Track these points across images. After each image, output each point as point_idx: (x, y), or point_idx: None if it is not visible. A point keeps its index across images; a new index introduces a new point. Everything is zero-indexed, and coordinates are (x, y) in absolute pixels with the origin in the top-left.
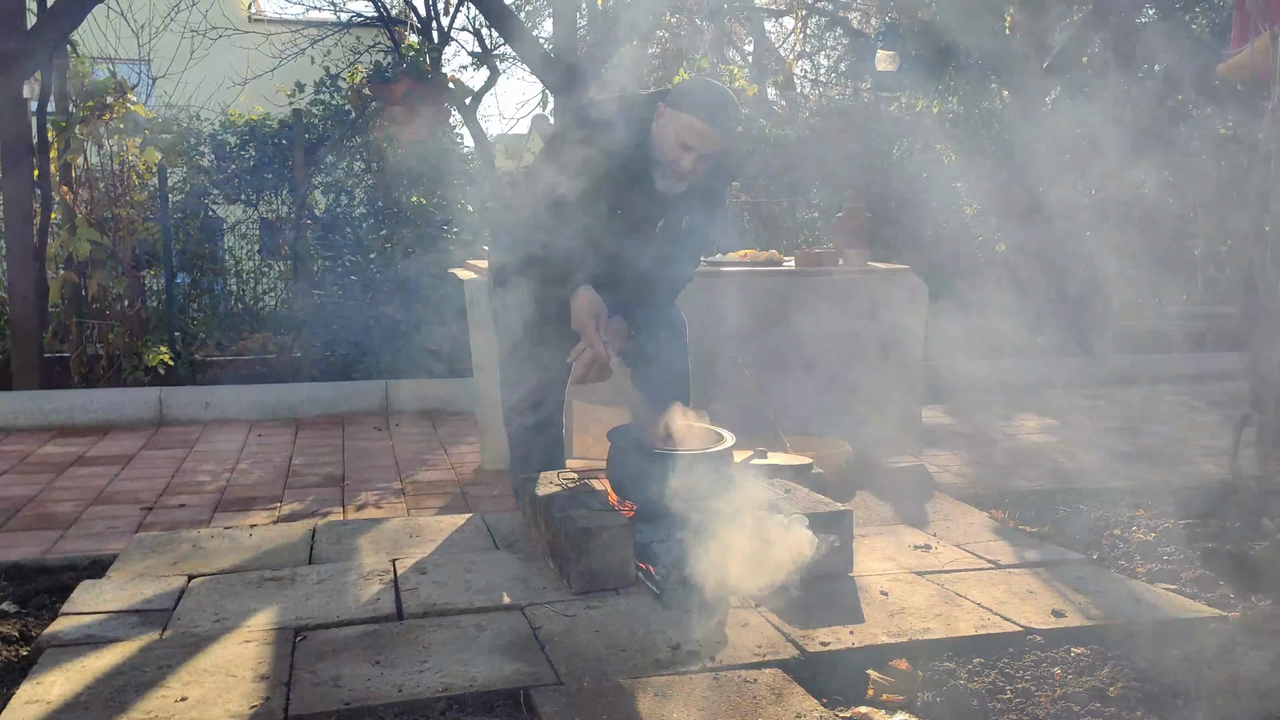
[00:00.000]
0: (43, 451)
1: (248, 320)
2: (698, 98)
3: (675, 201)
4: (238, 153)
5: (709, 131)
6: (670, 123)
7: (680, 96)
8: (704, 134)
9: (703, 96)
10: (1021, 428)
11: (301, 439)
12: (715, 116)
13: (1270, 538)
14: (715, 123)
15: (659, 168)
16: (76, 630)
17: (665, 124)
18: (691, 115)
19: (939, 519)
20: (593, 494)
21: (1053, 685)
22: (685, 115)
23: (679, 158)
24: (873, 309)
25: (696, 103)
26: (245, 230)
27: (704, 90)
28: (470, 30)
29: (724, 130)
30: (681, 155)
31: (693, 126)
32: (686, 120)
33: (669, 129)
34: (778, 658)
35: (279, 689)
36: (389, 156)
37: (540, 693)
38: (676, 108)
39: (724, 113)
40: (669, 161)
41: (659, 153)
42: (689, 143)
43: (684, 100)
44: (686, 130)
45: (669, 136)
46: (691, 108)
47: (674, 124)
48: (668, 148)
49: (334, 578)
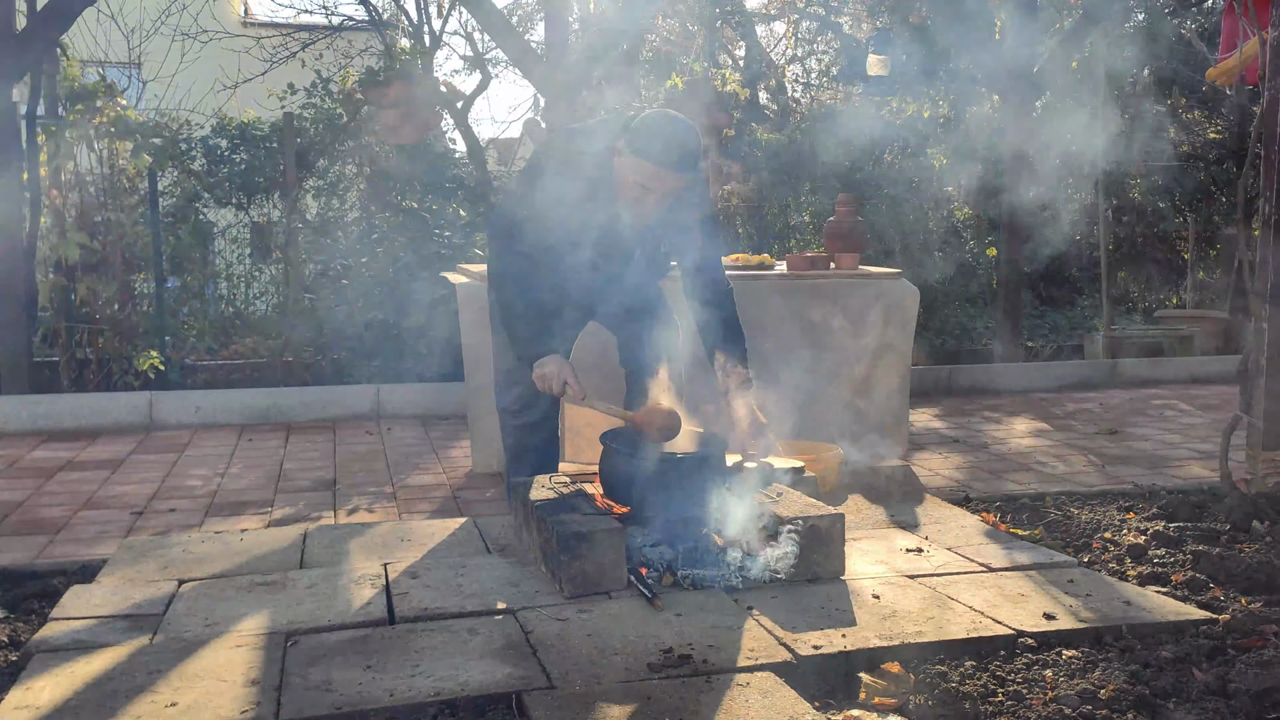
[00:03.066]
0: (32, 456)
1: (238, 324)
2: (653, 140)
3: (649, 232)
4: (228, 156)
5: (666, 175)
6: (628, 165)
7: (636, 138)
8: (662, 177)
9: (658, 138)
10: (1012, 431)
11: (293, 443)
12: (670, 159)
13: (1260, 540)
14: (672, 166)
15: (625, 207)
16: (66, 635)
17: (624, 165)
18: (646, 160)
19: (930, 522)
20: (585, 498)
21: (1044, 688)
22: (641, 160)
23: (641, 198)
24: (863, 313)
25: (652, 146)
26: (236, 234)
27: (659, 132)
28: (462, 34)
29: (684, 170)
30: (643, 195)
31: (649, 170)
32: (642, 165)
33: (627, 171)
34: (770, 661)
35: (270, 694)
36: (380, 160)
37: (532, 697)
38: (634, 151)
39: (680, 154)
40: (632, 200)
41: (621, 192)
42: (648, 185)
43: (639, 143)
44: (644, 174)
45: (628, 179)
46: (647, 152)
47: (631, 167)
48: (628, 189)
49: (325, 582)
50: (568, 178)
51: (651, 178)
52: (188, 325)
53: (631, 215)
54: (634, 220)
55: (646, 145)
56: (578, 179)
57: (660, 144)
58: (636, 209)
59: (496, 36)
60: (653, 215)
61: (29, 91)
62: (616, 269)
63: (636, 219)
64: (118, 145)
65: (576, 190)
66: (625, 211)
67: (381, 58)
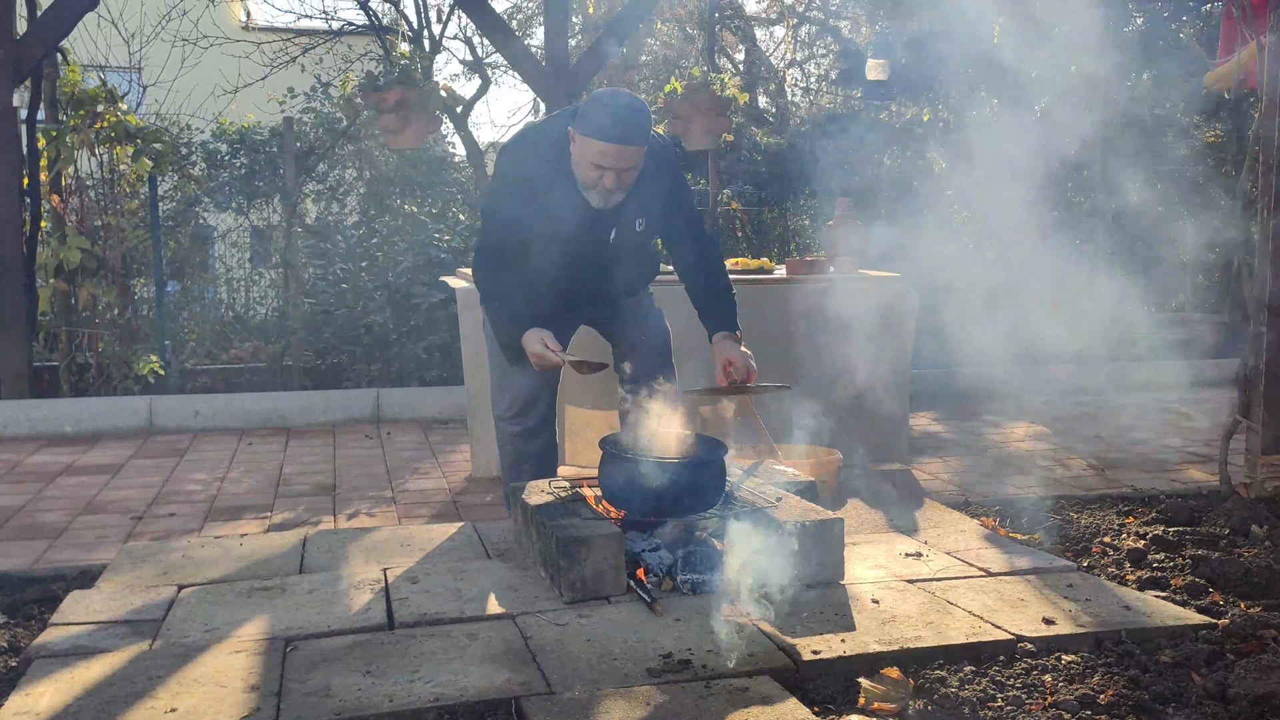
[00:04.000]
0: (32, 461)
1: (238, 328)
2: (599, 118)
3: (618, 212)
4: (229, 160)
5: (617, 150)
6: (580, 147)
7: (583, 119)
8: (613, 153)
9: (603, 115)
10: (1011, 435)
11: (292, 447)
12: (618, 133)
13: (1259, 545)
14: (620, 139)
15: (586, 190)
16: (65, 641)
17: (577, 149)
18: (594, 138)
19: (930, 526)
20: (584, 503)
21: (1043, 693)
22: (591, 139)
23: (600, 177)
24: (863, 316)
25: (598, 124)
26: (236, 238)
27: (604, 108)
28: (462, 39)
29: (634, 143)
30: (601, 175)
31: (598, 149)
32: (593, 144)
33: (580, 152)
34: (769, 666)
35: (269, 699)
36: (380, 164)
37: (531, 702)
38: (584, 132)
39: (627, 127)
40: (592, 182)
41: (580, 174)
42: (602, 164)
43: (586, 123)
44: (595, 153)
45: (583, 161)
46: (594, 130)
47: (583, 148)
48: (585, 171)
49: (325, 587)
50: (526, 169)
51: (605, 155)
52: (187, 330)
53: (597, 198)
54: (601, 202)
55: (595, 124)
56: (537, 169)
57: (607, 120)
58: (600, 190)
59: (496, 41)
60: (619, 194)
61: (29, 96)
62: (594, 256)
63: (604, 200)
64: (118, 150)
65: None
66: (591, 195)
67: (381, 62)
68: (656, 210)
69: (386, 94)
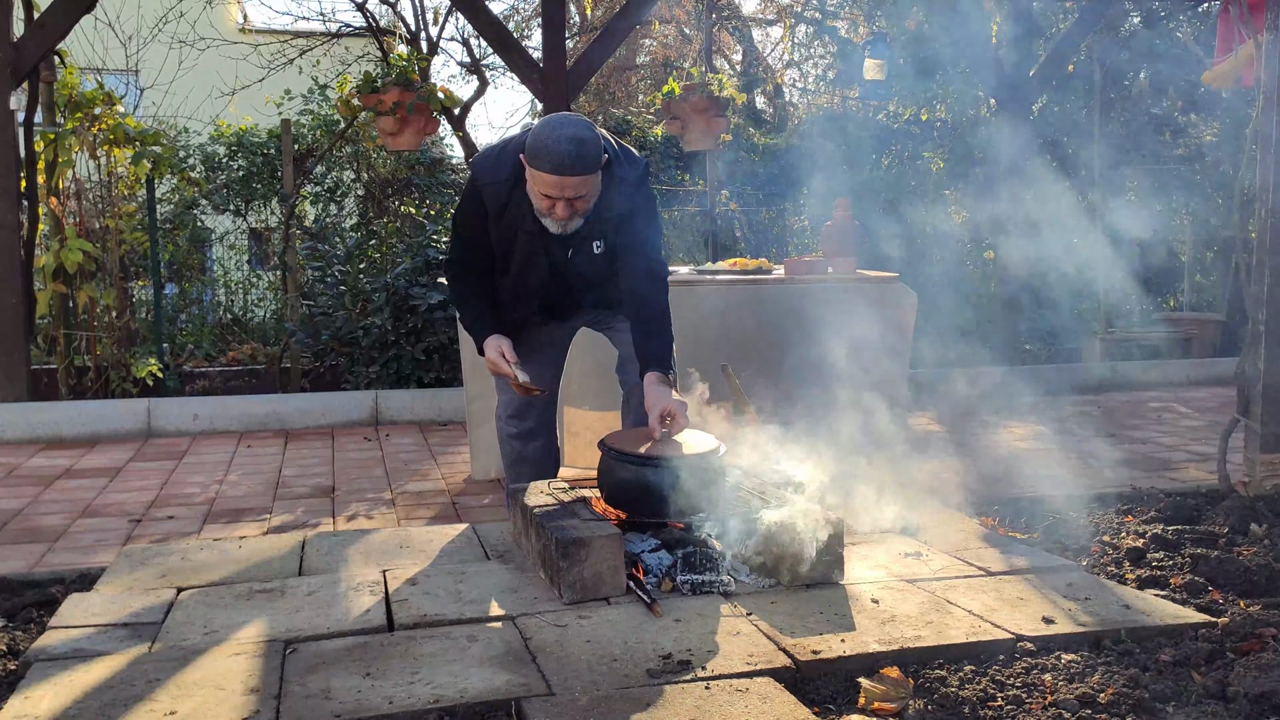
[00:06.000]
0: (30, 464)
1: (236, 331)
2: (544, 148)
3: (575, 236)
4: (226, 163)
5: (564, 182)
6: (530, 176)
7: (531, 151)
8: (561, 185)
9: (548, 146)
10: (1010, 435)
11: (291, 450)
12: (564, 164)
13: (1258, 543)
14: (568, 170)
15: (542, 216)
16: (64, 644)
17: (529, 177)
18: (540, 170)
19: (929, 526)
20: (584, 504)
21: (1043, 692)
22: (538, 172)
23: (552, 207)
24: (861, 317)
25: (543, 154)
26: (234, 241)
27: (549, 139)
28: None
29: (580, 173)
30: (553, 205)
31: (546, 180)
32: (537, 175)
33: (531, 182)
34: (769, 666)
35: (269, 702)
36: (378, 166)
37: (531, 704)
38: (529, 163)
39: (571, 158)
40: (545, 210)
41: (535, 203)
42: (550, 194)
43: (533, 156)
44: (544, 184)
45: (534, 190)
46: (539, 161)
47: (532, 178)
48: (537, 200)
49: (324, 589)
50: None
51: (551, 186)
52: (186, 332)
53: (554, 224)
54: (558, 229)
55: (540, 155)
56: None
57: (551, 151)
58: (554, 218)
59: (493, 43)
60: (575, 220)
61: (27, 99)
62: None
63: (559, 225)
64: (116, 153)
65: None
66: (548, 221)
67: (379, 64)
68: (613, 232)
69: (384, 96)
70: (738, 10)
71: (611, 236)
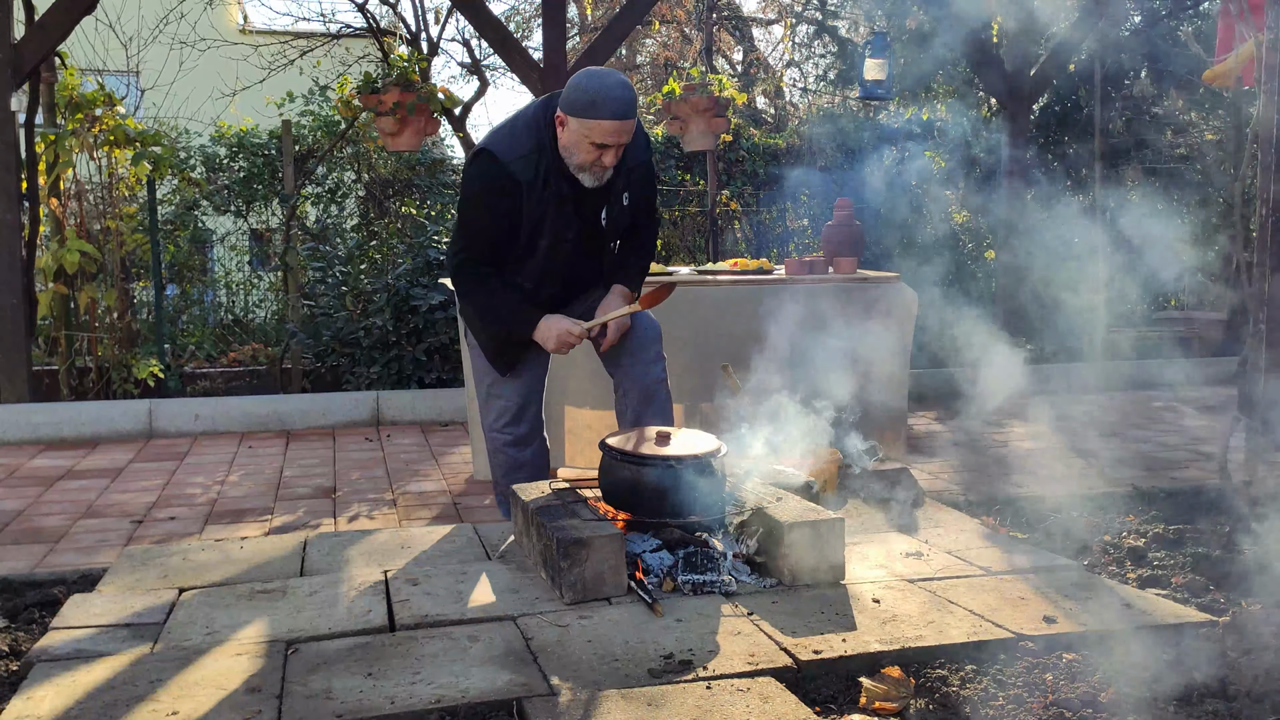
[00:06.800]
0: (32, 465)
1: (238, 331)
2: (596, 97)
3: (607, 190)
4: (227, 164)
5: (622, 126)
6: (579, 130)
7: (577, 102)
8: (618, 130)
9: (600, 94)
10: (1011, 434)
11: (292, 450)
12: (620, 109)
13: (1260, 542)
14: (624, 114)
15: (581, 171)
16: (66, 645)
17: (573, 132)
18: (599, 119)
19: (930, 526)
20: (584, 504)
21: (1044, 691)
22: (592, 120)
23: (600, 157)
24: (862, 316)
25: (599, 103)
26: (235, 241)
27: (599, 86)
28: (460, 41)
29: (633, 115)
30: (601, 154)
31: (605, 128)
32: (596, 125)
33: (579, 136)
34: (771, 666)
35: (271, 702)
36: (379, 167)
37: (533, 703)
38: (581, 114)
39: (625, 102)
40: (590, 163)
41: (577, 159)
42: (606, 141)
43: (581, 105)
44: (600, 133)
45: (580, 143)
46: (597, 110)
47: (583, 130)
48: (584, 153)
49: (325, 590)
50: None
51: (609, 133)
52: (187, 333)
53: (591, 178)
54: (595, 181)
55: (594, 104)
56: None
57: (603, 98)
58: (595, 168)
59: (494, 43)
60: (608, 170)
61: (28, 100)
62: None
63: (597, 177)
64: (116, 154)
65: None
66: (584, 176)
67: (379, 65)
68: (637, 181)
69: (384, 96)
70: (738, 10)
71: (635, 185)
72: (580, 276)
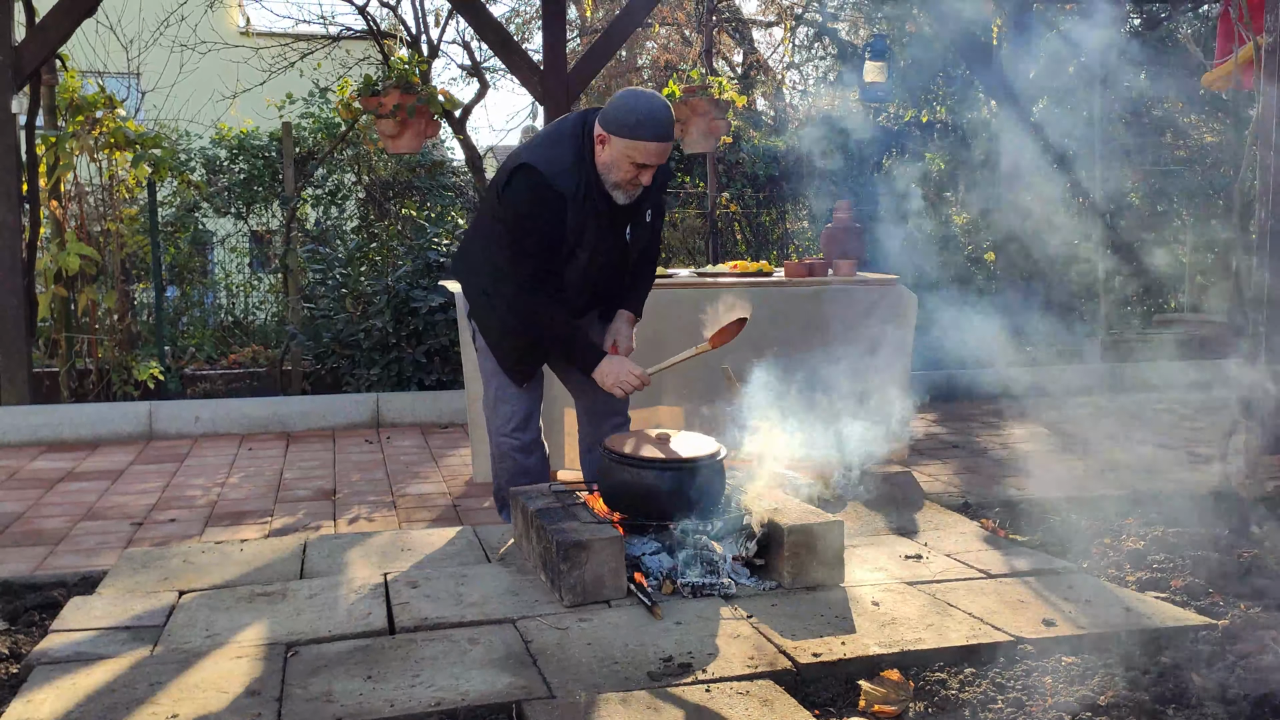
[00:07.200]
0: (32, 467)
1: (238, 333)
2: (640, 117)
3: (636, 205)
4: (227, 166)
5: (664, 148)
6: (620, 148)
7: (620, 120)
8: (660, 151)
9: (643, 115)
10: (1011, 436)
11: (292, 452)
12: (661, 130)
13: (1259, 545)
14: (668, 137)
15: (616, 188)
16: (67, 647)
17: (614, 150)
18: (644, 140)
19: (929, 529)
20: (584, 506)
21: (1044, 695)
22: (635, 141)
23: (636, 175)
24: (862, 319)
25: (645, 124)
26: (235, 243)
27: (642, 107)
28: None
29: (672, 137)
30: (640, 173)
31: (647, 148)
32: (638, 145)
33: (620, 155)
34: (770, 669)
35: (270, 705)
36: (379, 169)
37: (532, 706)
38: (624, 134)
39: (670, 124)
40: (627, 181)
41: (614, 176)
42: (646, 161)
43: (624, 124)
44: (643, 153)
45: (621, 162)
46: (642, 130)
47: (624, 149)
48: (623, 171)
49: (325, 592)
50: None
51: (650, 154)
52: (187, 335)
53: (624, 195)
54: (626, 198)
55: (640, 124)
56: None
57: (649, 120)
58: (630, 186)
59: (494, 46)
60: (640, 188)
61: (28, 102)
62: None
63: (630, 195)
64: (117, 156)
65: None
66: (617, 194)
67: (379, 67)
68: (656, 198)
69: (385, 98)
70: (738, 12)
71: (655, 202)
72: (610, 289)
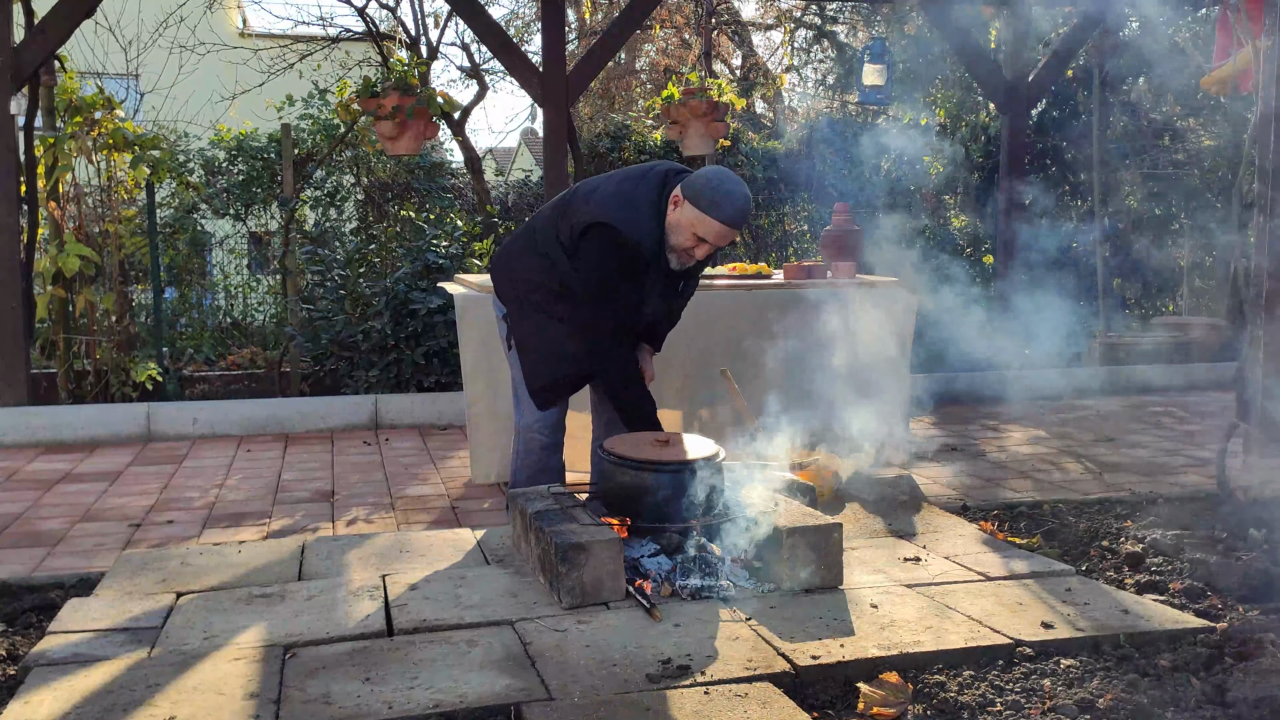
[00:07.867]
0: (30, 468)
1: (236, 335)
2: (726, 201)
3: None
4: (226, 167)
5: (731, 233)
6: (690, 217)
7: (700, 192)
8: (726, 234)
9: (726, 198)
10: (1010, 439)
11: (290, 454)
12: (738, 219)
13: (1257, 548)
14: (738, 224)
15: (672, 252)
16: (64, 649)
17: (684, 216)
18: (714, 217)
19: (928, 531)
20: (583, 508)
21: (1042, 697)
22: (709, 217)
23: (694, 246)
24: (861, 321)
25: (722, 204)
26: (234, 245)
27: (728, 192)
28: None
29: (740, 227)
30: (697, 245)
31: (714, 227)
32: (710, 222)
33: (688, 223)
34: (768, 671)
35: (268, 707)
36: (378, 171)
37: (531, 708)
38: (700, 206)
39: (744, 213)
40: (685, 249)
41: (675, 240)
42: (707, 238)
43: (707, 200)
44: (708, 230)
45: (686, 230)
46: (718, 209)
47: (694, 218)
48: (684, 238)
49: (324, 594)
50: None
51: (715, 233)
52: (186, 336)
53: (677, 260)
54: (678, 264)
55: (717, 204)
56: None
57: (729, 204)
58: (684, 256)
59: (493, 48)
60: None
61: (27, 103)
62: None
63: (682, 263)
64: (115, 157)
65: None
66: (671, 258)
67: (379, 68)
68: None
69: (384, 100)
70: (737, 15)
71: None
72: (650, 332)
